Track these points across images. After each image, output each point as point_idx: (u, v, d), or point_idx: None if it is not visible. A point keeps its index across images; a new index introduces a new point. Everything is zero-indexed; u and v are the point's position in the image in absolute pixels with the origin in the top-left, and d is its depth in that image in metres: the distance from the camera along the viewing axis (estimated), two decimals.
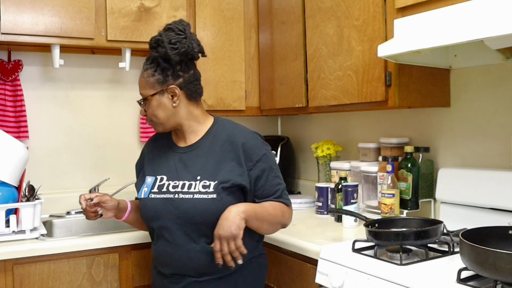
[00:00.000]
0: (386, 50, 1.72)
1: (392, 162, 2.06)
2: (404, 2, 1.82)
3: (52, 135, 2.62)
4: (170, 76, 1.68)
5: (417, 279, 1.40)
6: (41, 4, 2.26)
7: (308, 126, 2.97)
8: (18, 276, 1.89)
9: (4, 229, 1.92)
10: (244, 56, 2.76)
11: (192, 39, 1.69)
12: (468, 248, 1.29)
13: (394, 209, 2.01)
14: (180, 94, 1.69)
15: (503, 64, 1.88)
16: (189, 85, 1.70)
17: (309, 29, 2.35)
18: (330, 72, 2.22)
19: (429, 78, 2.01)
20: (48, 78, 2.62)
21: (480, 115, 1.99)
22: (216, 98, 2.68)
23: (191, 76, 1.71)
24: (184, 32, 1.67)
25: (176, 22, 1.69)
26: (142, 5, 2.49)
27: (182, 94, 1.69)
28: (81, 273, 1.99)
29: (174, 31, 1.66)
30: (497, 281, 1.25)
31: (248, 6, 2.78)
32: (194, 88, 1.72)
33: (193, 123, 1.74)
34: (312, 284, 1.81)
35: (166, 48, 1.64)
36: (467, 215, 1.91)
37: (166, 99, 1.69)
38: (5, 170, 1.97)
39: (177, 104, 1.69)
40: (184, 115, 1.72)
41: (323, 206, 2.40)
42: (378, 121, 2.46)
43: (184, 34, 1.67)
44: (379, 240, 1.62)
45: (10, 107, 2.48)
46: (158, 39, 1.67)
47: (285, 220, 1.75)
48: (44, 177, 2.54)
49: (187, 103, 1.71)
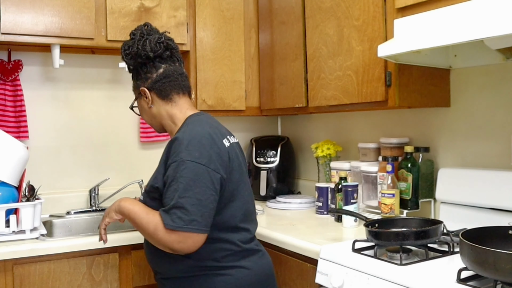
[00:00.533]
0: (386, 50, 1.72)
1: (392, 162, 2.06)
2: (404, 2, 1.82)
3: (52, 135, 2.62)
4: (140, 80, 1.72)
5: (417, 279, 1.40)
6: (41, 4, 2.26)
7: (308, 126, 2.97)
8: (18, 276, 1.89)
9: (4, 229, 1.92)
10: (244, 56, 2.76)
11: (146, 39, 1.68)
12: (468, 248, 1.29)
13: (394, 209, 2.01)
14: (150, 95, 1.70)
15: (503, 64, 1.88)
16: (156, 84, 1.69)
17: (309, 29, 2.35)
18: (330, 72, 2.22)
19: (429, 78, 2.01)
20: (48, 78, 2.62)
21: (480, 115, 1.99)
22: (216, 98, 2.68)
23: (159, 75, 1.69)
24: (135, 35, 1.70)
25: (136, 27, 1.74)
26: (142, 5, 2.49)
27: (153, 94, 1.70)
28: (81, 273, 1.99)
29: (130, 37, 1.72)
30: (497, 281, 1.25)
31: (248, 6, 2.78)
32: (163, 86, 1.69)
33: (169, 123, 1.72)
34: (312, 284, 1.81)
35: (122, 55, 1.72)
36: (467, 215, 1.91)
37: (143, 102, 1.73)
38: (5, 170, 1.97)
39: (152, 105, 1.71)
40: (163, 116, 1.72)
41: (323, 206, 2.40)
42: (378, 121, 2.46)
43: (134, 38, 1.70)
44: (379, 240, 1.62)
45: (10, 107, 2.48)
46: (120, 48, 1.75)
47: (160, 239, 1.48)
48: (44, 177, 2.55)
49: (161, 103, 1.71)
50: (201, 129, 1.58)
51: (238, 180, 1.62)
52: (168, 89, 1.70)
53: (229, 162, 1.59)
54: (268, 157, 2.86)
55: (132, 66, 1.73)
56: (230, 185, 1.58)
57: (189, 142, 1.53)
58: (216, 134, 1.60)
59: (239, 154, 1.71)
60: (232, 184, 1.59)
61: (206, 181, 1.49)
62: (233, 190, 1.59)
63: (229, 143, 1.64)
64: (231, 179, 1.59)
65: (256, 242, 1.72)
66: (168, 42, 1.72)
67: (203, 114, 1.72)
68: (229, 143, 1.64)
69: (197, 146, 1.52)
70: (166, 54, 1.71)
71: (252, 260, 1.63)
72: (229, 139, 1.66)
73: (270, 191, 2.83)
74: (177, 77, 1.72)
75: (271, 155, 2.86)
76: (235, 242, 1.59)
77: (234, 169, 1.61)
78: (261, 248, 1.72)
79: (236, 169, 1.62)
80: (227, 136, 1.67)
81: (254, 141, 2.97)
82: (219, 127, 1.68)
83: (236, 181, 1.61)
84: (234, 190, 1.60)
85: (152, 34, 1.70)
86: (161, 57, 1.70)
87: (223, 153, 1.57)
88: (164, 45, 1.70)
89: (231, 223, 1.59)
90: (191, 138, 1.54)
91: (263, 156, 2.87)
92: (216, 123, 1.69)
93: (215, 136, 1.59)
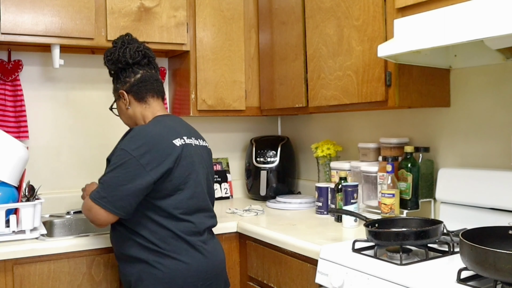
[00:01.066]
0: (386, 50, 1.72)
1: (392, 162, 2.06)
2: (404, 2, 1.82)
3: (52, 135, 2.62)
4: (119, 83, 1.92)
5: (417, 279, 1.40)
6: (41, 4, 2.26)
7: (308, 126, 2.97)
8: (18, 276, 1.89)
9: (4, 229, 1.92)
10: (244, 56, 2.76)
11: (126, 47, 1.88)
12: (468, 248, 1.29)
13: (394, 209, 2.01)
14: (128, 97, 1.90)
15: (503, 64, 1.88)
16: (134, 88, 1.89)
17: (309, 29, 2.35)
18: (330, 72, 2.22)
19: (429, 78, 2.01)
20: (48, 78, 2.62)
21: (480, 115, 1.99)
22: (216, 98, 2.68)
23: (137, 79, 1.89)
24: (117, 44, 1.91)
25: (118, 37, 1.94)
26: (142, 5, 2.49)
27: (131, 97, 1.90)
28: (81, 273, 1.99)
29: (112, 45, 1.94)
30: (497, 281, 1.25)
31: (248, 6, 2.78)
32: (140, 89, 1.89)
33: (142, 123, 1.90)
34: (312, 284, 1.81)
35: (104, 61, 1.93)
36: (467, 215, 1.91)
37: (121, 104, 1.93)
38: (5, 170, 1.97)
39: (129, 106, 1.91)
40: (138, 116, 1.91)
41: (323, 206, 2.40)
42: (378, 121, 2.46)
43: (116, 46, 1.91)
44: (379, 240, 1.62)
45: (10, 107, 2.48)
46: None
47: (92, 217, 1.73)
48: (44, 177, 2.54)
49: (137, 105, 1.90)
50: (152, 127, 1.78)
51: (186, 177, 1.76)
52: (144, 92, 1.90)
53: (177, 159, 1.74)
54: (268, 157, 2.86)
55: (113, 71, 1.93)
56: (174, 179, 1.73)
57: (134, 135, 1.74)
58: (167, 133, 1.77)
59: (197, 154, 1.84)
60: (177, 179, 1.73)
61: (130, 170, 1.68)
62: (178, 184, 1.74)
63: (183, 143, 1.79)
64: (176, 174, 1.73)
65: (204, 238, 1.80)
66: (146, 51, 1.92)
67: (169, 116, 1.92)
68: (183, 142, 1.79)
69: (138, 140, 1.72)
70: (144, 62, 1.92)
71: (192, 255, 1.74)
72: (185, 140, 1.81)
73: (270, 191, 2.83)
74: (153, 82, 1.92)
75: (271, 155, 2.86)
76: (174, 231, 1.72)
77: (183, 166, 1.75)
78: (206, 247, 1.79)
79: (185, 166, 1.76)
80: (184, 136, 1.82)
81: (254, 141, 2.97)
82: (178, 128, 1.84)
83: (184, 176, 1.76)
84: (180, 184, 1.74)
85: (132, 43, 1.91)
86: (139, 64, 1.91)
87: (166, 150, 1.73)
88: (142, 53, 1.90)
89: (173, 213, 1.73)
90: (138, 132, 1.75)
91: (263, 156, 2.87)
92: (176, 123, 1.87)
93: (165, 134, 1.76)
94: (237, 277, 2.33)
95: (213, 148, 3.05)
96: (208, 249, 1.80)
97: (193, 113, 2.66)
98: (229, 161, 3.09)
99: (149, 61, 1.94)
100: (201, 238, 1.79)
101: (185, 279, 1.71)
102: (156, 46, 2.56)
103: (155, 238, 1.71)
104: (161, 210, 1.72)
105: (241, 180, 3.11)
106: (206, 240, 1.81)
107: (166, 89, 2.91)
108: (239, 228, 2.28)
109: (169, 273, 1.70)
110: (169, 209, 1.72)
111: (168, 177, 1.72)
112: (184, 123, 1.94)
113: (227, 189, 3.02)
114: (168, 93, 2.92)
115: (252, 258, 2.22)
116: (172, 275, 1.70)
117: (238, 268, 2.33)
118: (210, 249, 1.81)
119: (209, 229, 1.88)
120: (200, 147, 1.90)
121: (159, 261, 1.71)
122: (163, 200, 1.72)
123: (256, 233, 2.16)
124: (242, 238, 2.30)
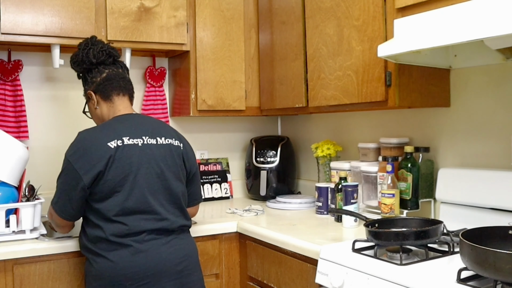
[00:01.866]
0: (386, 50, 1.72)
1: (392, 162, 2.06)
2: (404, 2, 1.82)
3: (52, 135, 2.62)
4: (87, 84, 1.96)
5: (417, 279, 1.40)
6: (41, 4, 2.26)
7: (308, 126, 2.97)
8: (18, 276, 1.89)
9: (4, 229, 1.92)
10: (244, 56, 2.76)
11: (90, 48, 1.93)
12: (468, 248, 1.29)
13: (394, 209, 2.01)
14: (96, 97, 1.93)
15: (503, 64, 1.88)
16: (100, 86, 1.92)
17: (309, 29, 2.35)
18: (330, 72, 2.22)
19: (429, 78, 2.01)
20: (48, 78, 2.62)
21: (480, 115, 1.99)
22: (216, 98, 2.68)
23: (102, 79, 1.93)
24: (80, 45, 1.97)
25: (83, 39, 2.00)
26: (142, 5, 2.49)
27: (98, 96, 1.93)
28: (81, 273, 1.99)
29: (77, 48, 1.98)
30: (497, 281, 1.25)
31: (248, 6, 2.78)
32: (105, 88, 1.92)
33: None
34: (312, 284, 1.81)
35: (70, 64, 1.99)
36: (467, 215, 1.91)
37: (91, 105, 1.97)
38: (5, 170, 1.97)
39: (97, 107, 1.94)
40: (105, 116, 1.93)
41: (323, 206, 2.40)
42: (378, 121, 2.46)
43: (80, 48, 1.96)
44: (379, 240, 1.62)
45: (10, 107, 2.48)
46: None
47: (53, 221, 1.87)
48: (44, 177, 2.54)
49: (103, 104, 1.93)
50: (92, 131, 1.83)
51: (122, 179, 1.75)
52: (109, 90, 1.92)
53: (108, 161, 1.73)
54: (268, 157, 2.86)
55: (80, 73, 1.98)
56: (108, 181, 1.73)
57: (74, 140, 1.82)
58: (103, 135, 1.78)
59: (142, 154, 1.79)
60: (111, 181, 1.74)
61: (68, 174, 1.77)
62: (114, 186, 1.74)
63: (120, 144, 1.76)
64: (109, 176, 1.73)
65: (139, 239, 1.75)
66: (110, 51, 1.96)
67: (127, 115, 1.90)
68: (120, 144, 1.76)
69: (75, 145, 1.80)
70: (109, 61, 1.95)
71: (120, 254, 1.73)
72: (124, 141, 1.78)
73: (270, 191, 2.83)
74: (119, 80, 1.94)
75: (271, 155, 2.86)
76: (106, 232, 1.74)
77: (117, 167, 1.74)
78: (140, 247, 1.74)
79: (120, 168, 1.75)
80: (125, 137, 1.79)
81: (254, 141, 2.97)
82: (123, 129, 1.81)
83: (120, 179, 1.74)
84: (116, 186, 1.74)
85: (96, 45, 1.95)
86: (104, 63, 1.94)
87: (98, 153, 1.74)
88: (106, 53, 1.94)
89: (106, 214, 1.74)
90: (77, 137, 1.82)
91: (263, 156, 2.87)
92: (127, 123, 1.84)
93: (101, 137, 1.77)
94: (237, 277, 2.33)
95: (213, 148, 3.07)
96: (141, 249, 1.74)
97: (193, 113, 2.66)
98: (229, 161, 3.09)
99: (114, 60, 1.97)
100: (135, 238, 1.74)
101: (113, 277, 1.72)
102: (156, 46, 2.57)
103: (92, 238, 1.77)
104: (98, 212, 1.75)
105: (241, 180, 3.11)
106: (143, 240, 1.75)
107: (166, 89, 2.91)
108: (239, 228, 2.28)
109: (99, 270, 1.74)
110: (103, 211, 1.74)
111: (101, 180, 1.73)
112: (142, 122, 1.89)
113: (227, 189, 3.02)
114: (168, 93, 2.92)
115: (252, 258, 2.22)
116: (101, 272, 1.74)
117: (238, 268, 2.33)
118: (145, 249, 1.74)
119: (153, 230, 1.78)
120: (155, 146, 1.83)
121: (94, 259, 1.77)
122: (100, 203, 1.75)
123: (256, 233, 2.16)
124: (242, 238, 2.30)
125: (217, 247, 2.27)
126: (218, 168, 3.03)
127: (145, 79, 2.83)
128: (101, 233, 1.75)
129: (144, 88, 2.84)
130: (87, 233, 1.79)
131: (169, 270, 1.77)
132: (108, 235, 1.73)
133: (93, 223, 1.77)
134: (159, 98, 2.85)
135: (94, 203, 1.76)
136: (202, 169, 2.98)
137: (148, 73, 2.82)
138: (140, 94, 2.82)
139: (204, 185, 2.95)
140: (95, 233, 1.76)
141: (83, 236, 1.83)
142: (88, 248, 1.80)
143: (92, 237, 1.77)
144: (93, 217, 1.77)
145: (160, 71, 2.86)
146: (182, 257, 1.81)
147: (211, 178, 2.98)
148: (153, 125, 1.90)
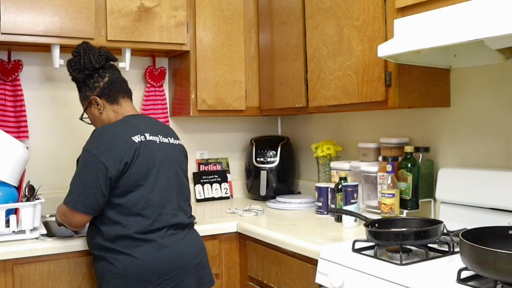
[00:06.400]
0: (386, 50, 1.72)
1: (392, 162, 2.06)
2: (404, 2, 1.82)
3: (52, 135, 2.62)
4: (89, 90, 1.96)
5: (417, 279, 1.40)
6: (41, 4, 2.26)
7: (308, 126, 2.97)
8: (18, 276, 1.89)
9: (4, 229, 1.92)
10: (244, 56, 2.76)
11: (89, 54, 1.93)
12: (468, 248, 1.29)
13: (394, 209, 2.01)
14: (101, 102, 1.94)
15: (503, 64, 1.88)
16: (105, 91, 1.94)
17: (309, 29, 2.35)
18: (330, 72, 2.22)
19: (429, 78, 2.01)
20: (48, 78, 2.62)
21: (480, 115, 1.99)
22: (216, 98, 2.68)
23: (105, 83, 1.95)
24: (78, 52, 1.95)
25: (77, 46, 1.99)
26: (142, 5, 2.49)
27: (103, 100, 1.95)
28: (81, 273, 1.99)
29: (72, 55, 1.97)
30: (497, 281, 1.25)
31: (248, 6, 2.78)
32: (111, 91, 1.95)
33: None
34: (312, 284, 1.81)
35: (70, 72, 1.98)
36: (467, 215, 1.91)
37: (94, 110, 1.97)
38: (5, 170, 1.97)
39: (102, 111, 1.95)
40: (111, 118, 1.95)
41: (323, 206, 2.40)
42: (378, 121, 2.46)
43: (78, 54, 1.95)
44: (379, 240, 1.62)
45: (10, 107, 2.48)
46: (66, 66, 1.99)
47: (67, 220, 1.83)
48: (44, 177, 2.54)
49: (109, 107, 1.95)
50: (113, 127, 1.84)
51: (145, 172, 1.79)
52: (115, 93, 1.95)
53: (134, 154, 1.77)
54: (268, 157, 2.86)
55: (81, 79, 1.96)
56: (133, 174, 1.76)
57: (95, 135, 1.83)
58: (126, 130, 1.82)
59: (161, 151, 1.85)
60: (135, 174, 1.77)
61: (92, 168, 1.74)
62: (137, 180, 1.77)
63: (143, 139, 1.81)
64: (134, 170, 1.76)
65: (162, 234, 1.79)
66: (107, 54, 1.99)
67: (138, 116, 1.96)
68: (143, 139, 1.82)
69: (97, 139, 1.80)
70: (108, 65, 1.99)
71: (144, 251, 1.75)
72: (146, 136, 1.83)
73: (270, 191, 2.83)
74: (121, 83, 1.99)
75: (271, 155, 2.86)
76: (128, 228, 1.75)
77: (141, 161, 1.78)
78: (163, 242, 1.78)
79: (144, 162, 1.79)
80: (146, 133, 1.84)
81: (254, 141, 2.97)
82: (142, 126, 1.87)
83: (143, 172, 1.78)
84: (139, 180, 1.77)
85: (93, 49, 1.97)
86: (104, 68, 1.97)
87: (124, 146, 1.76)
88: (105, 57, 1.96)
89: (131, 209, 1.76)
90: (98, 132, 1.84)
91: (263, 156, 2.87)
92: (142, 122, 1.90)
93: (124, 131, 1.81)
94: (237, 277, 2.33)
95: (213, 148, 3.07)
96: (165, 244, 1.78)
97: (193, 113, 2.66)
98: (229, 161, 3.10)
99: (112, 64, 2.01)
100: (158, 234, 1.78)
101: (138, 274, 1.73)
102: (156, 46, 2.57)
103: (111, 236, 1.76)
104: (119, 207, 1.76)
105: (241, 180, 3.11)
106: (165, 235, 1.79)
107: (166, 89, 2.91)
108: (239, 228, 2.28)
109: (123, 268, 1.74)
110: (128, 205, 1.76)
111: (126, 172, 1.76)
112: (153, 122, 1.97)
113: (227, 189, 3.02)
114: (168, 93, 2.92)
115: (252, 258, 2.22)
116: (125, 270, 1.74)
117: (238, 268, 2.33)
118: (168, 244, 1.78)
119: (172, 226, 1.83)
120: (169, 145, 1.92)
121: (115, 257, 1.75)
122: (122, 197, 1.76)
123: (256, 233, 2.16)
124: (242, 238, 2.30)
125: (217, 247, 2.27)
126: (218, 168, 3.04)
127: (145, 79, 2.83)
128: (122, 230, 1.75)
129: (144, 88, 2.84)
130: (103, 231, 1.77)
131: (188, 264, 1.83)
132: (131, 232, 1.74)
133: (112, 220, 1.76)
134: (159, 98, 2.85)
135: (115, 198, 1.76)
136: (202, 169, 2.98)
137: (148, 73, 2.82)
138: (140, 94, 2.82)
139: (204, 185, 2.95)
140: (115, 231, 1.75)
141: (96, 235, 1.81)
142: (105, 247, 1.77)
143: (110, 235, 1.76)
144: (112, 213, 1.76)
145: (160, 71, 2.86)
146: (197, 250, 1.88)
147: (211, 178, 2.98)
148: (160, 125, 1.98)
